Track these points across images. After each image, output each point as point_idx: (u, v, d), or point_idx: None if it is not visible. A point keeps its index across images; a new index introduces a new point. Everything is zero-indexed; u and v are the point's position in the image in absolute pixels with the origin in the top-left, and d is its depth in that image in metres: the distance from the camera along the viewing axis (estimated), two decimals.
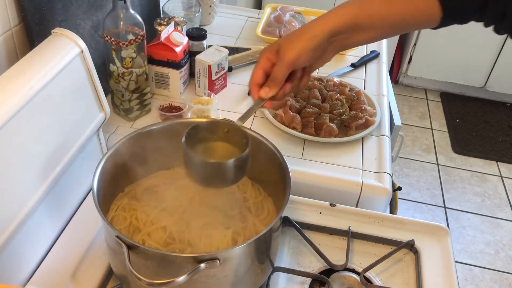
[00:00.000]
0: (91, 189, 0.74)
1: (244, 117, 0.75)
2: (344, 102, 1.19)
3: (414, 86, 3.19)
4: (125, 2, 0.95)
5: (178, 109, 1.13)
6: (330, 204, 0.94)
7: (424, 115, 2.94)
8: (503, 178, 2.52)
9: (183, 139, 0.71)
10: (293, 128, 1.12)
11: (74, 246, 0.82)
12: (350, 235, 0.88)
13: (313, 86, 1.23)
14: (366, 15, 0.73)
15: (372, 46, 1.54)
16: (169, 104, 1.14)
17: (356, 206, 1.00)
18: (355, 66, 1.41)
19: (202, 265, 0.63)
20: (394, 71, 3.13)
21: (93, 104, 0.93)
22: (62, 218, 0.87)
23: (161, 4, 1.39)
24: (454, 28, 2.72)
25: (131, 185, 0.86)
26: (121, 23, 0.97)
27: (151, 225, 0.77)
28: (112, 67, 1.02)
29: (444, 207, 2.33)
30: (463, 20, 0.74)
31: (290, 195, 0.73)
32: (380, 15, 0.74)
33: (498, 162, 2.61)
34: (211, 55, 1.19)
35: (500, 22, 0.71)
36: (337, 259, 0.84)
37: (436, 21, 0.73)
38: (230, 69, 1.31)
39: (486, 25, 0.73)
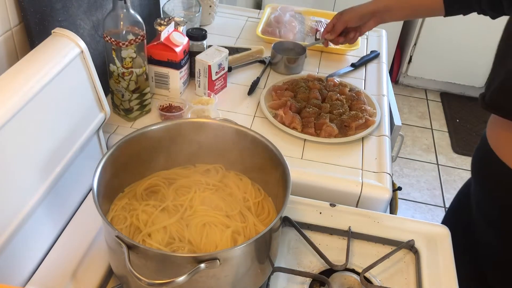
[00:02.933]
0: (91, 189, 0.74)
1: (310, 45, 1.41)
2: (344, 102, 1.19)
3: (414, 86, 3.19)
4: (125, 2, 0.95)
5: (178, 109, 1.13)
6: (330, 204, 0.94)
7: (424, 115, 2.94)
8: None
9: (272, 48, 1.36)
10: (293, 128, 1.12)
11: (74, 246, 0.82)
12: (350, 235, 0.88)
13: (313, 86, 1.24)
14: (396, 2, 1.19)
15: (372, 46, 1.54)
16: (169, 104, 1.14)
17: (356, 206, 1.00)
18: (355, 66, 1.41)
19: (202, 265, 0.63)
20: (394, 71, 3.13)
21: (93, 104, 0.93)
22: (62, 218, 0.87)
23: (161, 4, 1.39)
24: (455, 28, 2.74)
25: (131, 185, 0.86)
26: (121, 23, 0.97)
27: (152, 225, 0.77)
28: (112, 67, 1.02)
29: (444, 207, 2.33)
30: (463, 12, 1.09)
31: (290, 195, 0.73)
32: (404, 2, 1.18)
33: None
34: (211, 55, 1.19)
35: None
36: (337, 259, 0.84)
37: (442, 12, 1.10)
38: (230, 69, 1.31)
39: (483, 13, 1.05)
